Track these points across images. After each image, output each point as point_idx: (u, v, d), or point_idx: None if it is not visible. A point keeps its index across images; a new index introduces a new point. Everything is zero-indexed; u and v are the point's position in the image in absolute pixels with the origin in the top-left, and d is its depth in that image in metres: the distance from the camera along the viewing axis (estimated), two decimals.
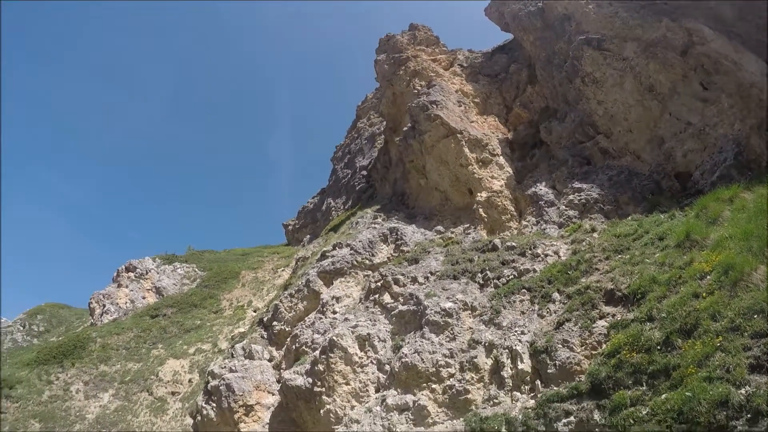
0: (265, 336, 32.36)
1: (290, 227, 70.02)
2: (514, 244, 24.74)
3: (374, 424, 20.50)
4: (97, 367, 39.95)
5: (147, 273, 54.79)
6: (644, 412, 12.93)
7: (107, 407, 35.59)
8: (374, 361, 22.78)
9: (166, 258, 58.13)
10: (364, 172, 54.93)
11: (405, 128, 36.60)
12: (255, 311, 42.66)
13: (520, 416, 16.63)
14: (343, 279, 29.04)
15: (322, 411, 23.37)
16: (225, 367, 30.08)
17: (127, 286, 53.85)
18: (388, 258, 28.97)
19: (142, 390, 36.47)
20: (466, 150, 31.22)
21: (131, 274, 54.92)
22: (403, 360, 20.63)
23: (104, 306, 52.29)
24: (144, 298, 52.55)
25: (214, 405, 28.92)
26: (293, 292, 31.24)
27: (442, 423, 19.01)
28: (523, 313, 20.22)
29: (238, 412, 27.83)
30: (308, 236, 60.84)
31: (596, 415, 14.60)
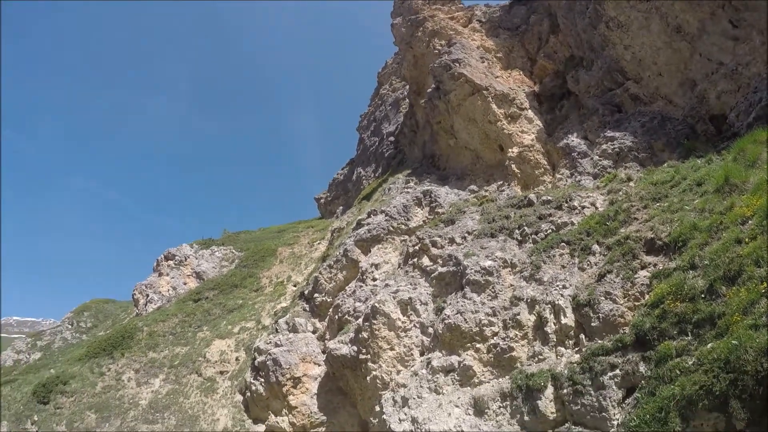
0: (307, 308, 32.70)
1: (322, 200, 70.24)
2: (549, 197, 24.27)
3: (421, 387, 20.66)
4: (146, 355, 40.90)
5: (186, 259, 55.69)
6: (690, 363, 12.67)
7: (159, 392, 36.47)
8: (417, 325, 22.86)
9: (203, 243, 58.87)
10: (392, 139, 54.55)
11: (429, 90, 36.03)
12: (295, 286, 42.99)
13: (566, 371, 16.60)
14: (380, 246, 29.03)
15: (368, 378, 23.64)
16: (270, 342, 30.57)
17: (167, 274, 54.87)
18: (423, 221, 28.80)
19: (191, 372, 37.23)
20: (494, 106, 30.64)
21: (171, 262, 55.89)
22: (446, 321, 20.64)
23: (147, 296, 53.48)
24: (185, 284, 53.48)
25: (263, 380, 29.51)
26: (332, 263, 31.38)
27: (488, 382, 19.09)
28: (563, 267, 19.92)
29: (286, 385, 28.35)
30: (341, 207, 60.98)
31: (642, 367, 14.46)
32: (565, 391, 16.28)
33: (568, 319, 17.92)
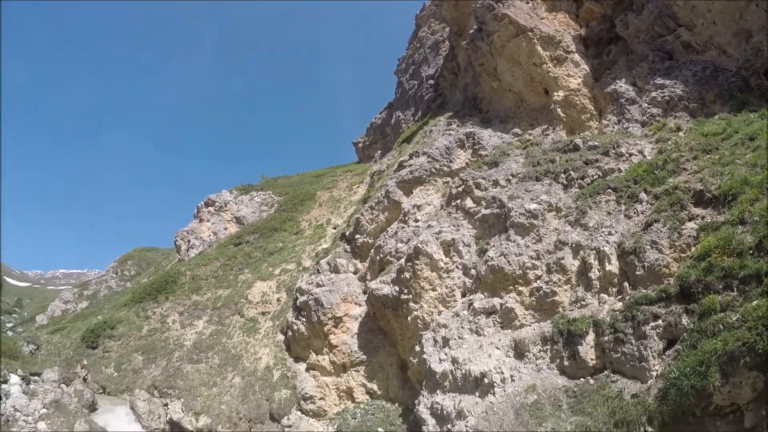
0: (348, 250, 33.19)
1: (360, 145, 70.23)
2: (596, 143, 23.91)
3: (462, 327, 21.03)
4: (190, 298, 42.22)
5: (225, 205, 56.71)
6: (734, 318, 12.70)
7: (203, 333, 37.73)
8: (459, 266, 23.05)
9: (242, 189, 59.70)
10: (431, 82, 53.88)
11: (471, 31, 35.11)
12: (335, 228, 43.50)
13: (608, 318, 16.77)
14: (422, 187, 29.04)
15: (409, 318, 24.12)
16: (312, 282, 31.22)
17: (208, 220, 56.09)
18: (466, 163, 28.62)
19: (233, 313, 38.35)
20: (539, 48, 29.84)
21: (211, 209, 57.02)
22: (489, 263, 20.81)
23: (189, 241, 54.91)
24: (226, 229, 54.66)
25: (304, 320, 30.29)
26: (373, 204, 31.59)
27: (530, 325, 19.35)
28: (609, 213, 19.76)
29: (327, 324, 29.10)
30: (379, 151, 60.98)
31: (684, 320, 14.55)
32: (606, 338, 16.52)
33: (613, 266, 17.94)
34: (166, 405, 32.31)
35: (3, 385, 23.26)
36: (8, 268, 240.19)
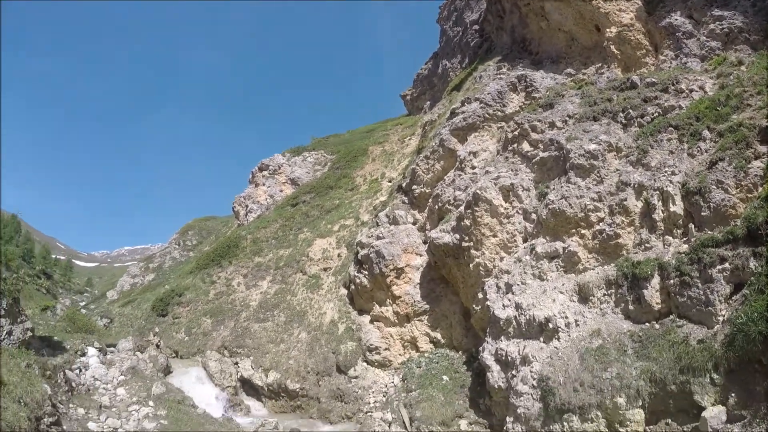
0: (406, 201, 33.43)
1: (408, 97, 69.72)
2: (654, 79, 23.01)
3: (524, 273, 21.10)
4: (252, 260, 43.46)
5: (279, 168, 57.61)
6: None
7: (267, 292, 38.88)
8: (520, 211, 22.97)
9: (293, 151, 60.39)
10: (476, 27, 52.72)
11: None
12: (390, 181, 43.71)
13: (673, 261, 16.51)
14: (476, 134, 28.74)
15: (471, 265, 24.32)
16: (372, 235, 31.69)
17: (263, 184, 57.19)
18: (520, 107, 28.10)
19: (296, 272, 39.29)
20: None
21: (265, 173, 58.00)
22: (550, 207, 20.67)
23: (247, 206, 56.27)
24: (281, 191, 55.68)
25: (366, 272, 30.87)
26: (428, 154, 31.52)
27: (593, 269, 19.23)
28: (671, 152, 19.16)
29: (389, 275, 29.60)
30: (428, 102, 60.50)
31: (752, 263, 14.26)
32: (671, 281, 16.34)
33: (677, 206, 17.57)
34: (237, 364, 33.74)
35: (82, 358, 24.66)
36: (76, 251, 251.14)
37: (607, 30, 28.04)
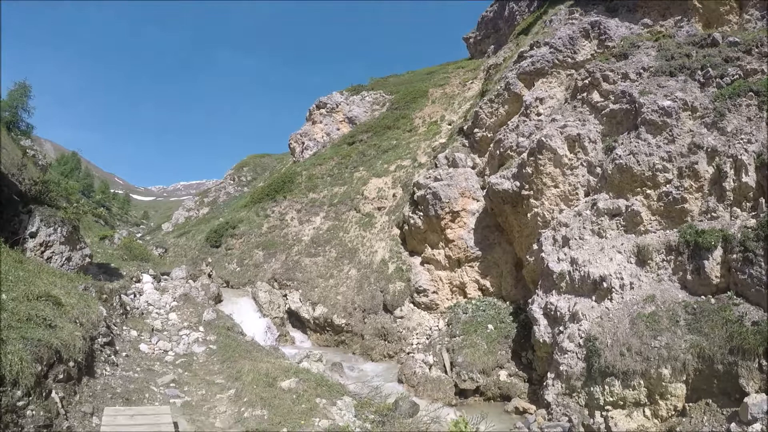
0: (467, 144, 32.83)
1: (471, 40, 67.69)
2: (737, 39, 21.36)
3: (583, 228, 20.54)
4: (307, 196, 43.87)
5: (337, 106, 57.31)
6: None
7: (320, 228, 39.24)
8: (584, 164, 22.12)
9: (352, 89, 59.84)
10: None
11: None
12: (449, 124, 42.99)
13: (739, 235, 15.76)
14: (544, 79, 27.59)
15: (529, 214, 23.87)
16: (430, 177, 31.36)
17: (321, 122, 57.14)
18: (591, 55, 26.73)
19: (350, 209, 39.42)
20: None
21: (323, 110, 57.82)
22: (616, 162, 19.86)
23: (303, 143, 56.39)
24: (338, 129, 55.59)
25: (421, 213, 30.70)
26: (492, 97, 30.62)
27: (655, 232, 18.57)
28: (749, 119, 17.83)
29: (444, 218, 29.39)
30: (492, 46, 58.65)
31: None
32: (734, 256, 15.64)
33: (749, 178, 16.61)
34: (285, 296, 34.44)
35: (137, 284, 25.49)
36: (133, 186, 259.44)
37: None
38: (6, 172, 21.54)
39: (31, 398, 10.30)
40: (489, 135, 30.55)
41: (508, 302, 26.92)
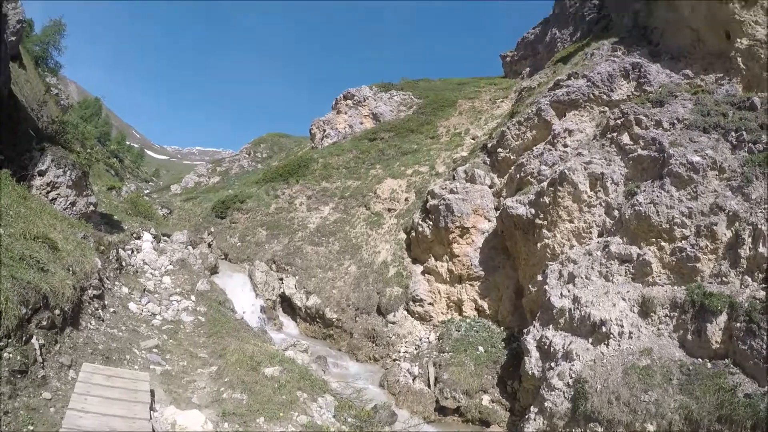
0: (488, 162, 32.54)
1: (508, 59, 67.42)
2: None
3: (591, 268, 20.22)
4: (319, 184, 43.69)
5: (364, 100, 57.00)
6: None
7: (327, 218, 39.04)
8: (603, 204, 21.81)
9: (382, 86, 59.50)
10: (596, 1, 50.22)
11: None
12: (473, 139, 42.68)
13: (746, 304, 15.38)
14: (576, 112, 27.27)
15: (539, 244, 23.60)
16: (445, 188, 31.10)
17: (345, 113, 56.92)
18: (627, 96, 26.38)
19: (360, 205, 39.20)
20: None
21: (349, 102, 57.59)
22: (636, 208, 19.56)
23: (324, 131, 56.26)
24: (362, 123, 55.30)
25: (431, 223, 30.44)
26: (521, 119, 30.28)
27: (662, 285, 18.20)
28: None
29: (453, 232, 29.14)
30: (528, 69, 58.37)
31: None
32: (738, 324, 15.29)
33: (765, 249, 16.22)
34: (281, 279, 34.30)
35: (136, 240, 25.30)
36: (150, 142, 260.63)
37: (738, 40, 25.86)
38: (26, 106, 21.42)
39: (10, 341, 10.11)
40: (512, 157, 30.28)
41: (502, 327, 26.60)
